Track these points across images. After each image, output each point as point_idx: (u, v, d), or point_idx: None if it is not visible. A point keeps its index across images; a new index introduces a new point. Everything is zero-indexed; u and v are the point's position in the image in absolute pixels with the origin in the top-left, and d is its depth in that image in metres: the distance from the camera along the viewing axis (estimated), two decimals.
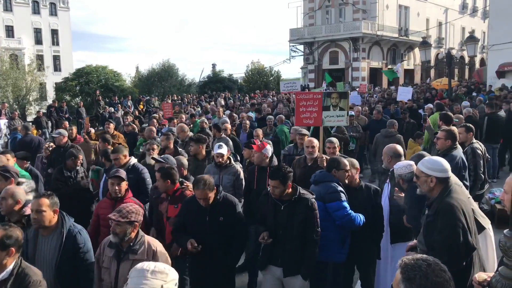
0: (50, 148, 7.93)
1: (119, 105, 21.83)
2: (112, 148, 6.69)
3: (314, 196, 4.09)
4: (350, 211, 4.29)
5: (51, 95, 36.10)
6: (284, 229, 3.98)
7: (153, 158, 5.93)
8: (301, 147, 6.76)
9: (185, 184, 4.86)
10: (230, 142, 8.51)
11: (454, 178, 3.67)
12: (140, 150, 8.44)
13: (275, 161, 5.59)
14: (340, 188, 4.38)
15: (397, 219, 4.58)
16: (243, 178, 5.75)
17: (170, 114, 14.47)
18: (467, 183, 5.41)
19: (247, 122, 10.65)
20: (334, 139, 6.14)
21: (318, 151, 5.86)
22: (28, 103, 28.81)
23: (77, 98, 30.80)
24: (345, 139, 10.02)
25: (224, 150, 5.81)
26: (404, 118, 11.38)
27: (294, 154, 7.02)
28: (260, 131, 9.23)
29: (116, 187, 4.62)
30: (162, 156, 5.98)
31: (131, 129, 10.85)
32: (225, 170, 5.71)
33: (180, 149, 7.44)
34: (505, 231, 2.41)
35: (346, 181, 4.61)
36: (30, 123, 13.84)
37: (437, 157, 3.74)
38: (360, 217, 4.36)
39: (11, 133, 12.57)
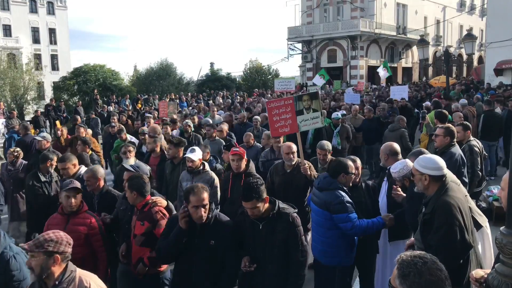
0: (16, 153, 7.01)
1: (113, 104, 21.78)
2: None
3: (296, 210, 3.71)
4: (356, 221, 4.14)
5: (49, 94, 36.08)
6: (263, 250, 3.57)
7: (121, 167, 5.45)
8: (278, 150, 6.35)
9: (153, 199, 4.19)
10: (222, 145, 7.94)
11: (451, 176, 3.68)
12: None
13: (252, 167, 5.31)
14: (347, 198, 4.18)
15: (396, 217, 4.59)
16: (218, 185, 5.43)
17: (165, 114, 14.06)
18: (466, 180, 5.43)
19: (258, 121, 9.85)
20: (326, 145, 5.84)
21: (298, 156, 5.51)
22: (26, 102, 28.75)
23: (75, 97, 30.76)
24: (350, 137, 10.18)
25: (196, 154, 5.44)
26: (391, 121, 9.99)
27: (272, 159, 6.55)
28: (225, 126, 8.91)
29: (72, 200, 4.07)
30: (133, 163, 5.55)
31: (116, 131, 9.85)
32: (198, 176, 5.38)
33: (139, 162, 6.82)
34: (501, 228, 2.42)
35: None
36: (29, 123, 13.79)
37: (431, 155, 3.75)
38: (366, 222, 4.22)
39: (8, 132, 12.54)
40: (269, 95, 23.34)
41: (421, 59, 23.06)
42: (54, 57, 52.95)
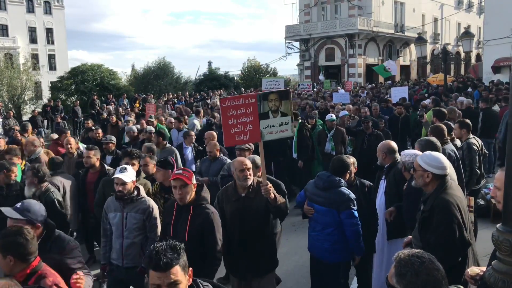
0: None
1: (113, 104, 21.67)
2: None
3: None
4: (359, 221, 4.21)
5: (46, 94, 35.95)
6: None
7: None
8: None
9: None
10: (176, 154, 7.44)
11: (451, 174, 3.68)
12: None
13: (204, 194, 3.90)
14: (352, 195, 4.24)
15: (394, 215, 4.59)
16: (157, 216, 4.28)
17: (153, 114, 13.25)
18: (463, 178, 5.43)
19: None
20: (256, 159, 4.70)
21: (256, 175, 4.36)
22: (24, 102, 28.65)
23: (72, 97, 30.68)
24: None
25: (128, 175, 4.18)
26: (366, 129, 8.78)
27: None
28: (192, 133, 8.51)
29: None
30: (28, 200, 3.64)
31: (96, 136, 9.25)
32: (130, 205, 4.21)
33: (109, 168, 6.09)
34: (498, 225, 2.42)
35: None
36: (29, 123, 13.74)
37: (437, 153, 3.71)
38: (361, 232, 4.26)
39: (10, 133, 12.48)
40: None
41: (419, 57, 23.03)
42: (51, 57, 52.80)
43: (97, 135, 9.35)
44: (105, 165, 6.14)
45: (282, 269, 5.19)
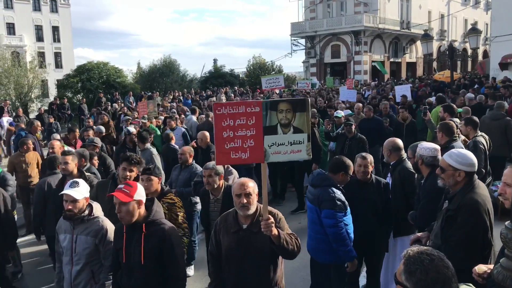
0: None
1: (119, 102, 21.70)
2: None
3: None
4: (341, 223, 4.05)
5: (53, 92, 36.16)
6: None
7: None
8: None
9: None
10: (157, 159, 6.96)
11: None
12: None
13: (157, 212, 3.41)
14: (338, 196, 4.09)
15: (400, 213, 4.58)
16: (112, 240, 3.63)
17: (145, 113, 12.55)
18: None
19: None
20: (369, 156, 4.71)
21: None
22: (30, 100, 28.83)
23: (78, 95, 30.83)
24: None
25: (79, 190, 3.64)
26: (348, 133, 8.20)
27: None
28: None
29: None
30: None
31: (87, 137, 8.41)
32: (81, 226, 3.67)
33: (89, 174, 5.43)
34: (506, 223, 2.41)
35: (359, 176, 4.58)
36: (36, 120, 13.82)
37: (465, 151, 3.57)
38: (348, 237, 4.09)
39: (16, 131, 12.58)
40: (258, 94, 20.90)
41: (425, 54, 22.89)
42: (57, 55, 53.05)
43: (87, 137, 8.44)
44: (85, 173, 5.42)
45: (289, 266, 5.20)
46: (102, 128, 9.34)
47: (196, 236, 6.32)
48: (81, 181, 3.77)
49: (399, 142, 5.05)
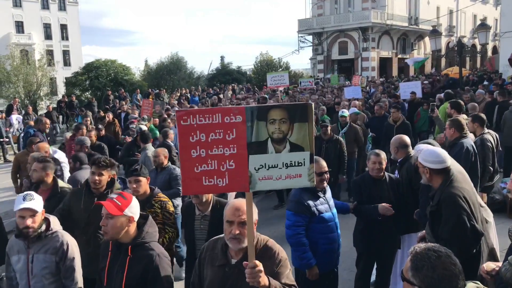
0: None
1: (128, 100, 21.74)
2: None
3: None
4: (298, 229, 3.88)
5: (61, 89, 36.48)
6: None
7: None
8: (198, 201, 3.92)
9: None
10: (151, 160, 6.30)
11: (456, 167, 3.66)
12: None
13: (150, 228, 3.06)
14: (303, 200, 3.90)
15: (407, 210, 4.57)
16: (75, 256, 3.33)
17: (149, 113, 12.20)
18: (477, 172, 5.36)
19: None
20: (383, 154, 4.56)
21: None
22: (39, 98, 29.03)
23: (87, 93, 31.04)
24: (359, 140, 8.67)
25: (35, 203, 3.21)
26: (324, 135, 7.70)
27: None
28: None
29: None
30: None
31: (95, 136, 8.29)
32: (38, 243, 3.30)
33: (63, 186, 4.78)
34: None
35: (373, 173, 4.53)
36: (45, 117, 13.92)
37: (434, 148, 3.78)
38: (305, 244, 3.89)
39: (25, 128, 12.70)
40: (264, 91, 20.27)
41: (433, 50, 22.69)
42: (66, 53, 53.41)
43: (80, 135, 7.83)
44: (59, 181, 4.80)
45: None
46: (86, 140, 7.49)
47: (179, 240, 5.76)
48: (33, 193, 3.30)
49: (406, 138, 5.04)
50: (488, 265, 2.66)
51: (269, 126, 2.38)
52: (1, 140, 14.64)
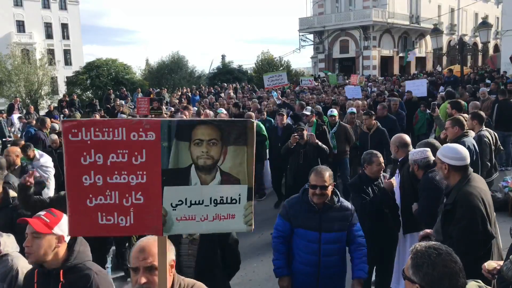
0: None
1: (129, 99, 21.75)
2: None
3: None
4: (275, 232, 3.78)
5: (62, 89, 36.52)
6: None
7: None
8: None
9: None
10: None
11: None
12: None
13: (82, 246, 2.65)
14: (288, 205, 3.78)
15: (409, 209, 4.57)
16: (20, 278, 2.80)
17: (146, 112, 11.98)
18: (478, 171, 5.37)
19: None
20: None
21: None
22: (40, 97, 29.11)
23: (88, 92, 31.09)
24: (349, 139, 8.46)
25: None
26: (301, 138, 7.09)
27: None
28: None
29: None
30: None
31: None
32: None
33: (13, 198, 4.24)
34: None
35: (377, 174, 4.56)
36: (47, 118, 13.95)
37: (455, 145, 3.68)
38: (281, 251, 3.69)
39: (26, 127, 12.71)
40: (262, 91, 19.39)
41: (434, 48, 22.66)
42: (67, 52, 53.44)
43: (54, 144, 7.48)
44: (10, 191, 4.35)
45: None
46: (54, 137, 7.68)
47: None
48: None
49: (407, 137, 5.06)
50: (490, 264, 2.66)
51: (193, 149, 1.81)
52: (4, 139, 14.66)
